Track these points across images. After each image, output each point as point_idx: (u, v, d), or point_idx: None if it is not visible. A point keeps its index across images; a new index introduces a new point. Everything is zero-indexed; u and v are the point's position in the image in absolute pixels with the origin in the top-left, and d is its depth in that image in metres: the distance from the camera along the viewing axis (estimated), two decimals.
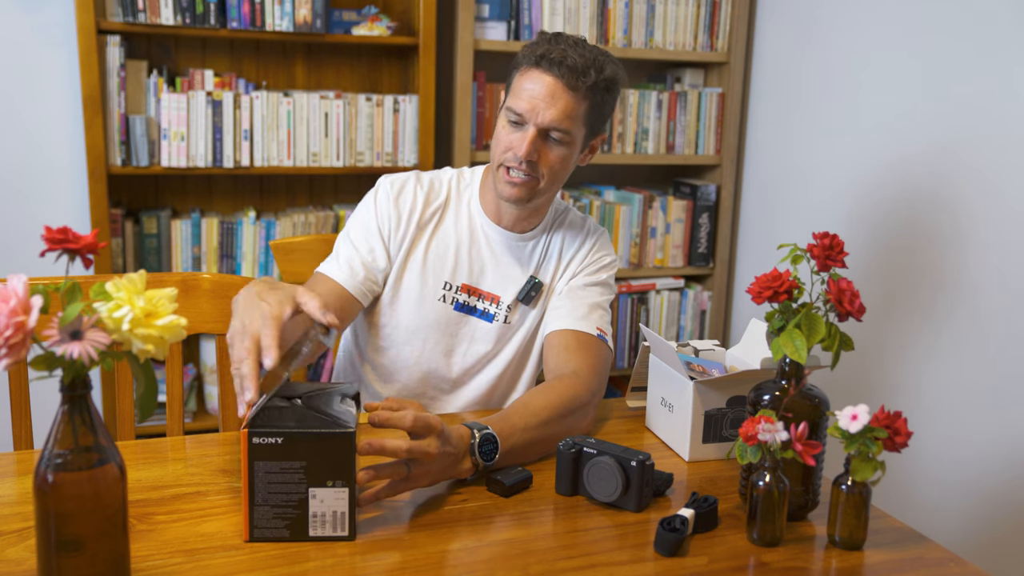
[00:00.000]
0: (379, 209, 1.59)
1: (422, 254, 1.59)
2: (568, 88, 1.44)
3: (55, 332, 0.82)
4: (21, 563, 0.99)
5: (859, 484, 1.08)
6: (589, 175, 3.16)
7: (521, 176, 1.49)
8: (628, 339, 3.00)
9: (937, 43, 2.22)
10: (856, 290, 1.11)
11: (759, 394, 1.17)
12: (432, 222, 1.61)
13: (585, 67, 1.44)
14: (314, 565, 1.02)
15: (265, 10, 2.50)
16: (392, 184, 1.61)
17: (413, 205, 1.60)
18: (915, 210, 2.29)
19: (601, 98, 1.49)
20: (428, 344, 1.60)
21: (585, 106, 1.47)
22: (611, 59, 1.50)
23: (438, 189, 1.63)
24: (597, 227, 1.69)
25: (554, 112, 1.44)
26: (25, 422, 1.48)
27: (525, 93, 1.46)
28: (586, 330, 1.54)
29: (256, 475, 1.04)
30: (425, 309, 1.59)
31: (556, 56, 1.44)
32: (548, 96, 1.44)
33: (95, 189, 2.41)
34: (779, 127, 2.85)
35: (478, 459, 1.22)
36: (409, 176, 1.63)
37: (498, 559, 1.05)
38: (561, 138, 1.47)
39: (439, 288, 1.59)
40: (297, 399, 1.11)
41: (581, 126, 1.49)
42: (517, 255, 1.62)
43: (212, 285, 1.57)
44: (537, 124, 1.45)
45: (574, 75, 1.44)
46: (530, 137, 1.45)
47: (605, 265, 1.65)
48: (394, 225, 1.58)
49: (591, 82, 1.45)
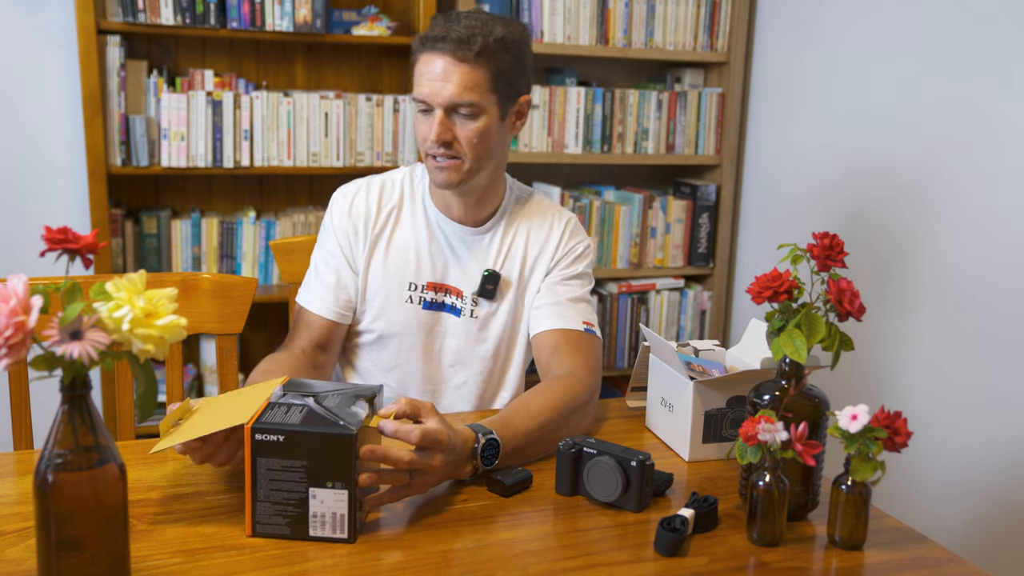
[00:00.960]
0: (336, 227, 1.60)
1: (383, 258, 1.59)
2: (458, 61, 1.42)
3: (55, 332, 0.82)
4: (21, 563, 0.99)
5: (859, 484, 1.08)
6: (589, 175, 3.16)
7: (444, 160, 1.48)
8: (628, 339, 3.00)
9: (937, 43, 2.22)
10: (856, 290, 1.11)
11: (759, 394, 1.17)
12: (388, 225, 1.60)
13: (470, 35, 1.42)
14: (314, 565, 1.02)
15: (265, 10, 2.50)
16: (344, 197, 1.61)
17: (367, 213, 1.59)
18: (915, 210, 2.29)
19: (502, 60, 1.45)
20: (404, 346, 1.60)
21: (483, 73, 1.44)
22: (504, 20, 1.47)
23: (390, 191, 1.62)
24: (563, 213, 1.66)
25: (452, 88, 1.43)
26: (25, 422, 1.48)
27: (422, 78, 1.45)
28: (574, 327, 1.54)
29: (258, 471, 1.04)
30: (393, 313, 1.58)
31: (439, 33, 1.43)
32: (441, 75, 1.43)
33: (95, 189, 2.41)
34: (779, 127, 2.85)
35: (479, 464, 1.22)
36: (360, 184, 1.63)
37: (498, 559, 1.05)
38: (470, 112, 1.45)
39: (404, 290, 1.58)
40: (311, 397, 1.11)
41: (488, 94, 1.46)
42: (474, 249, 1.60)
43: (212, 285, 1.57)
44: (440, 105, 1.44)
45: (460, 46, 1.42)
46: (437, 119, 1.45)
47: (579, 255, 1.63)
48: (352, 238, 1.59)
49: (479, 48, 1.42)
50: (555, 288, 1.59)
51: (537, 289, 1.60)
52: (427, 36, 1.45)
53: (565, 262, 1.61)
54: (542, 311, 1.57)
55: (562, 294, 1.58)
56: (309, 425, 1.04)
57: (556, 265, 1.61)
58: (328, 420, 1.05)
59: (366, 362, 1.63)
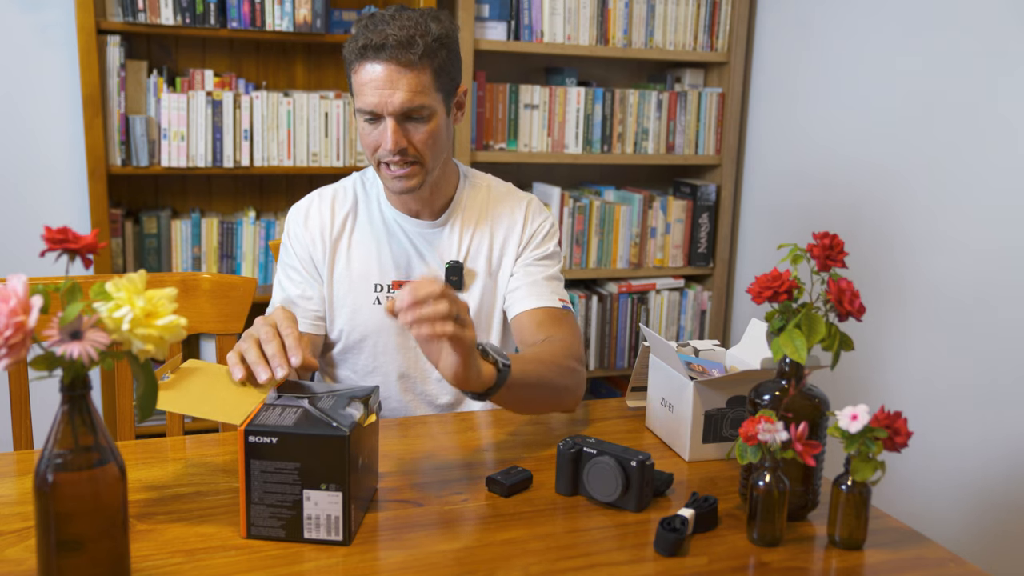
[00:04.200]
0: (293, 241, 1.60)
1: (345, 264, 1.59)
2: (403, 67, 1.40)
3: (55, 332, 0.82)
4: (21, 563, 0.99)
5: (859, 484, 1.08)
6: (589, 175, 3.16)
7: (402, 167, 1.47)
8: (628, 339, 3.00)
9: (937, 43, 2.22)
10: (856, 290, 1.11)
11: (759, 394, 1.17)
12: (345, 231, 1.60)
13: (409, 38, 1.40)
14: (314, 565, 1.02)
15: (265, 10, 2.50)
16: (298, 210, 1.62)
17: (321, 222, 1.59)
18: (915, 210, 2.29)
19: (441, 57, 1.44)
20: (379, 348, 1.60)
21: (428, 74, 1.43)
22: (433, 14, 1.46)
23: (343, 197, 1.62)
24: (522, 195, 1.65)
25: (401, 95, 1.41)
26: (25, 422, 1.48)
27: (367, 89, 1.43)
28: (552, 304, 1.55)
29: (252, 474, 1.04)
30: (362, 317, 1.58)
31: (377, 41, 1.40)
32: (388, 83, 1.41)
33: (95, 189, 2.41)
34: (779, 127, 2.85)
35: (495, 356, 1.22)
36: (311, 196, 1.63)
37: (498, 559, 1.05)
38: (422, 115, 1.45)
39: (370, 292, 1.58)
40: (306, 399, 1.11)
41: (434, 93, 1.45)
42: (435, 242, 1.60)
43: (212, 285, 1.57)
44: (391, 113, 1.43)
45: (403, 51, 1.40)
46: (391, 128, 1.43)
47: (547, 234, 1.63)
48: (311, 250, 1.59)
49: (422, 50, 1.40)
50: (528, 269, 1.60)
51: (510, 273, 1.61)
52: (364, 45, 1.41)
53: (534, 243, 1.62)
54: (518, 292, 1.58)
55: (536, 274, 1.59)
56: (302, 427, 1.03)
57: (525, 248, 1.61)
58: (322, 422, 1.05)
59: (345, 371, 1.64)
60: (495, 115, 2.78)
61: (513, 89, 2.79)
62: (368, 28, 1.42)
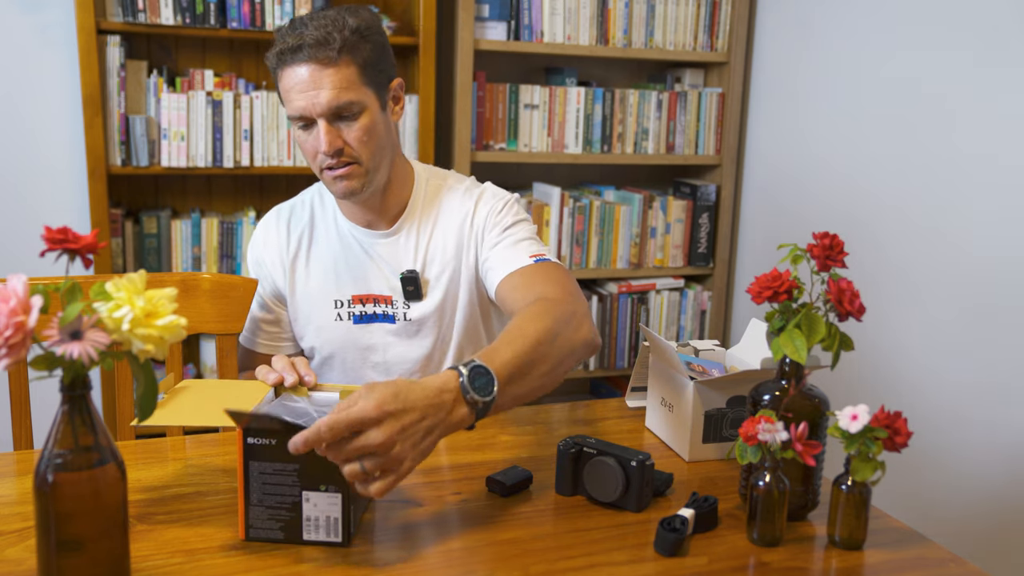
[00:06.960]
0: (253, 264, 1.62)
1: (304, 282, 1.59)
2: (323, 65, 1.38)
3: (55, 332, 0.82)
4: (21, 563, 0.99)
5: (859, 484, 1.08)
6: (589, 175, 3.16)
7: (341, 168, 1.44)
8: (628, 339, 3.00)
9: (936, 43, 2.22)
10: (856, 290, 1.11)
11: (759, 394, 1.16)
12: (302, 248, 1.59)
13: (326, 35, 1.37)
14: (313, 565, 1.02)
15: (265, 10, 2.50)
16: (257, 234, 1.63)
17: (278, 242, 1.60)
18: (916, 209, 2.29)
19: (364, 51, 1.41)
20: (348, 364, 1.60)
21: (351, 69, 1.40)
22: (351, 10, 1.43)
23: (299, 213, 1.61)
24: (473, 189, 1.58)
25: (327, 93, 1.38)
26: (25, 422, 1.48)
27: (292, 93, 1.40)
28: (522, 264, 1.46)
29: (251, 475, 1.03)
30: (326, 335, 1.58)
31: (293, 43, 1.38)
32: (311, 84, 1.38)
33: (95, 189, 2.41)
34: (779, 127, 2.85)
35: (473, 396, 1.06)
36: (270, 215, 1.64)
37: (498, 559, 1.05)
38: (352, 112, 1.41)
39: (331, 308, 1.58)
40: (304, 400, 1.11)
41: (362, 88, 1.41)
42: (390, 251, 1.56)
43: (212, 285, 1.57)
44: (320, 115, 1.40)
45: (320, 49, 1.37)
46: (323, 130, 1.40)
47: (501, 211, 1.55)
48: (271, 270, 1.60)
49: (339, 45, 1.37)
50: (494, 248, 1.52)
51: (477, 264, 1.56)
52: (282, 50, 1.40)
53: (490, 224, 1.54)
54: (491, 264, 1.51)
55: (505, 245, 1.51)
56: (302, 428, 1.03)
57: (484, 232, 1.54)
58: None
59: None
60: (495, 115, 2.78)
61: (513, 89, 2.79)
62: (285, 33, 1.41)
